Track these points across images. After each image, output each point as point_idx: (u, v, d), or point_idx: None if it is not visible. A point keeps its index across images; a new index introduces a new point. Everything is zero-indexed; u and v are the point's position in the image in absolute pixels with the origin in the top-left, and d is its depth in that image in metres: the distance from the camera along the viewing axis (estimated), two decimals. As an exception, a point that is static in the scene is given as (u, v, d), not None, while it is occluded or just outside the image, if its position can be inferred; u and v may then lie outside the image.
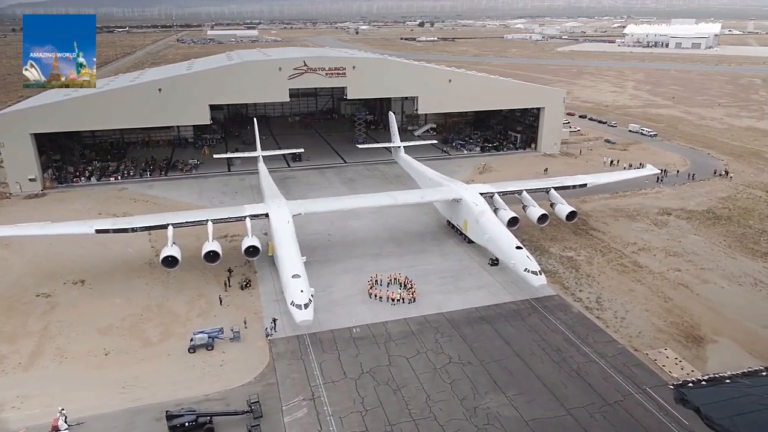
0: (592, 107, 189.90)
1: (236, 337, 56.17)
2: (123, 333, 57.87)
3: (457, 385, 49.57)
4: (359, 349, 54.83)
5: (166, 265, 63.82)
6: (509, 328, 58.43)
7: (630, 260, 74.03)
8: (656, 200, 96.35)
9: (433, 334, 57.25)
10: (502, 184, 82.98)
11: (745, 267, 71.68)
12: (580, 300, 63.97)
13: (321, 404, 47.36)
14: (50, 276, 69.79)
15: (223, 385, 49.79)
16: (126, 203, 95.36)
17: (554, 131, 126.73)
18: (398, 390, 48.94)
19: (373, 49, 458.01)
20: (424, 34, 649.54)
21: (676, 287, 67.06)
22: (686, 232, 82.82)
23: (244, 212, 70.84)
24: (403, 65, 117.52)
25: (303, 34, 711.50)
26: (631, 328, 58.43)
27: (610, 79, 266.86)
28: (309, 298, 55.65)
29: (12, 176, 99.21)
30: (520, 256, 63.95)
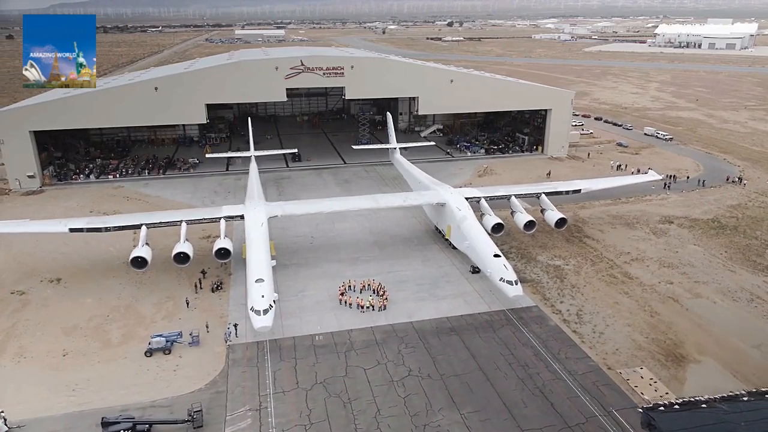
0: (609, 109, 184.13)
1: (195, 342, 55.08)
2: (86, 334, 57.38)
3: (412, 399, 47.40)
4: (318, 358, 53.12)
5: (136, 265, 63.24)
6: (478, 340, 55.87)
7: (621, 271, 70.45)
8: (659, 207, 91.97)
9: (397, 345, 55.13)
10: (490, 189, 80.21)
11: (744, 281, 67.37)
12: (559, 312, 60.92)
13: (267, 415, 45.82)
14: (29, 273, 70.07)
15: (172, 392, 48.68)
16: (118, 201, 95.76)
17: (561, 134, 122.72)
18: (349, 403, 47.05)
19: (396, 49, 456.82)
20: (451, 33, 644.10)
21: (665, 301, 63.37)
22: (686, 242, 78.57)
23: (220, 213, 69.90)
24: (402, 65, 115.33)
25: (330, 34, 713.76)
26: (609, 344, 55.24)
27: (634, 80, 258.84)
28: (270, 303, 54.20)
29: (11, 173, 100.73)
30: (497, 264, 61.24)
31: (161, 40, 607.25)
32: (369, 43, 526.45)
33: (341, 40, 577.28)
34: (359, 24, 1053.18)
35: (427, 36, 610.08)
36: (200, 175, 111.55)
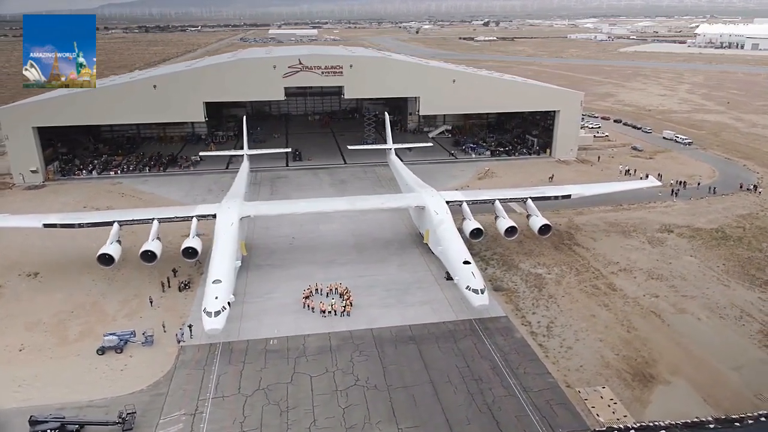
0: (632, 111, 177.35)
1: (148, 342, 54.59)
2: (47, 329, 57.63)
3: (351, 411, 45.58)
4: (266, 363, 51.84)
5: (102, 262, 63.32)
6: (436, 350, 53.58)
7: (605, 282, 66.83)
8: (662, 215, 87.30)
9: (350, 352, 53.36)
10: (473, 192, 77.67)
11: (737, 296, 62.86)
12: (528, 324, 58.02)
13: (200, 420, 44.77)
14: (11, 267, 71.08)
15: (114, 392, 48.17)
16: (113, 197, 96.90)
17: (570, 136, 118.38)
18: (286, 412, 45.59)
19: (425, 48, 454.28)
20: (484, 33, 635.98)
21: (647, 315, 59.63)
22: (682, 252, 74.12)
23: (193, 212, 69.51)
24: (403, 64, 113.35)
25: (363, 33, 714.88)
26: (574, 360, 52.16)
27: (665, 81, 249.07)
28: (223, 306, 53.37)
29: (15, 167, 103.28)
30: (465, 271, 58.74)
31: (197, 39, 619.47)
32: (400, 43, 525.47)
33: (372, 39, 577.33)
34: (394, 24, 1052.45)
35: (460, 36, 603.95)
36: (199, 173, 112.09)
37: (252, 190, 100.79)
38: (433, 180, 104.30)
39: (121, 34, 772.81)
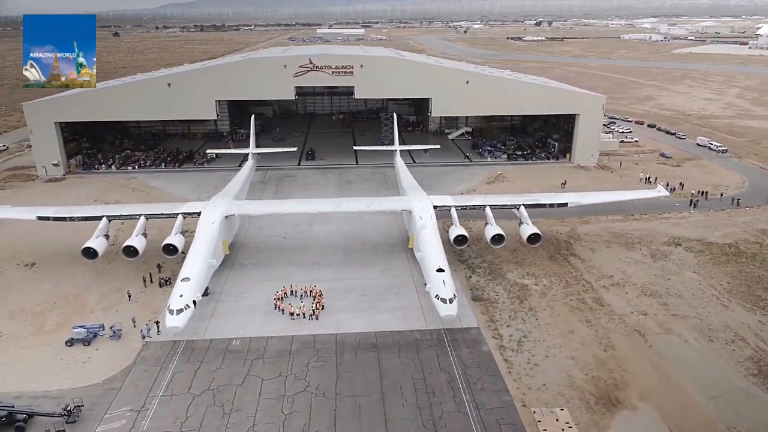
0: (670, 116, 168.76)
1: (116, 336, 55.56)
2: (27, 318, 59.58)
3: (293, 418, 44.84)
4: (223, 363, 51.77)
5: (86, 256, 64.95)
6: (396, 360, 52.12)
7: (594, 296, 63.44)
8: (673, 227, 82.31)
9: (309, 357, 52.62)
10: (464, 198, 75.53)
11: (733, 318, 58.33)
12: (499, 337, 55.66)
13: (143, 418, 45.06)
14: (11, 256, 74.04)
15: (71, 383, 49.18)
16: (124, 192, 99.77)
17: (590, 141, 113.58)
18: (228, 414, 45.29)
19: (470, 48, 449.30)
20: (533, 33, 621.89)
21: (630, 334, 56.14)
22: (685, 268, 69.53)
23: (180, 209, 70.40)
24: (414, 65, 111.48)
25: (411, 33, 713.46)
26: (538, 378, 49.61)
27: (714, 85, 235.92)
28: (186, 304, 53.60)
29: (38, 160, 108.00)
30: (437, 279, 56.87)
31: (248, 38, 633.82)
32: (445, 42, 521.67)
33: (418, 39, 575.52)
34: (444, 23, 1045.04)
35: (508, 36, 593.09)
36: (212, 170, 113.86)
37: (258, 188, 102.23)
38: (441, 183, 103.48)
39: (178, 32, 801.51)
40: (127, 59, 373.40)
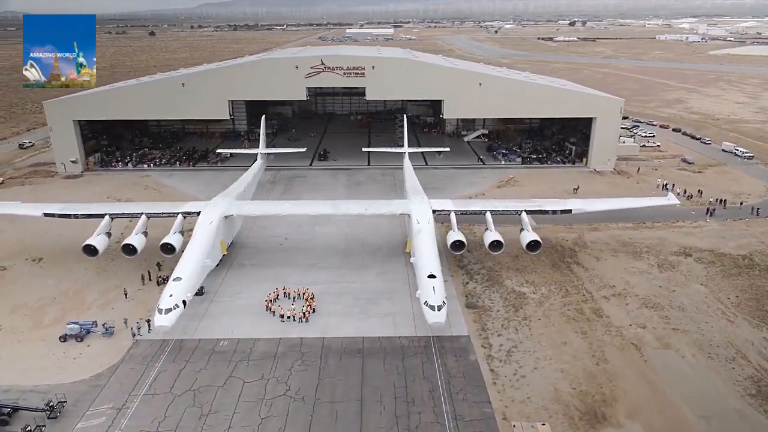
0: (698, 120, 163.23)
1: (108, 332, 56.44)
2: (27, 313, 61.03)
3: (269, 422, 44.72)
4: (208, 364, 52.05)
5: (87, 253, 66.14)
6: (379, 366, 51.52)
7: (593, 306, 61.59)
8: (685, 236, 79.39)
9: (293, 360, 52.49)
10: (465, 202, 74.25)
11: (737, 334, 55.81)
12: (489, 346, 54.50)
13: (123, 416, 45.59)
14: (21, 251, 76.01)
15: (60, 379, 50.12)
16: (137, 190, 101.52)
17: (607, 145, 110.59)
18: (206, 416, 45.49)
19: (498, 48, 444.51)
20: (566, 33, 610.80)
21: (625, 348, 54.29)
22: (692, 279, 66.92)
23: (181, 209, 71.10)
24: (426, 66, 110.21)
25: (441, 33, 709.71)
26: (522, 390, 48.35)
27: (748, 88, 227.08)
28: (176, 304, 53.89)
29: (58, 157, 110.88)
30: (427, 285, 55.88)
31: (279, 38, 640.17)
32: (474, 42, 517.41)
33: (448, 39, 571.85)
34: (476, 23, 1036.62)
35: (539, 36, 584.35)
36: (225, 169, 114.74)
37: (267, 188, 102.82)
38: (450, 186, 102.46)
39: (211, 32, 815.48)
40: (158, 58, 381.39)
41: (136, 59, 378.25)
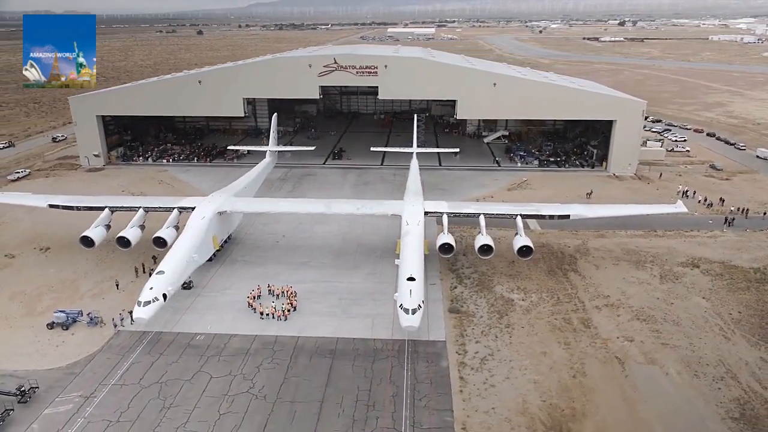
0: (736, 125, 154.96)
1: (93, 322, 57.91)
2: (23, 300, 63.32)
3: (226, 418, 44.84)
4: (180, 358, 52.70)
5: (84, 244, 68.11)
6: (348, 368, 50.94)
7: (582, 316, 59.17)
8: (697, 246, 75.37)
9: (264, 358, 52.52)
10: (459, 204, 72.55)
11: (731, 353, 52.44)
12: (464, 353, 53.08)
13: (89, 405, 46.61)
14: (31, 240, 79.08)
15: (39, 365, 51.71)
16: (152, 184, 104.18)
17: (628, 149, 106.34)
18: (167, 409, 46.00)
19: (540, 48, 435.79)
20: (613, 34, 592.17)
21: (608, 361, 51.88)
22: (694, 292, 63.39)
23: (177, 204, 72.33)
24: (439, 66, 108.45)
25: (485, 32, 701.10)
26: (489, 400, 46.83)
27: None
28: (155, 297, 54.70)
29: (82, 151, 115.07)
30: (404, 288, 54.84)
31: (321, 37, 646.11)
32: (516, 42, 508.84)
33: (489, 39, 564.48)
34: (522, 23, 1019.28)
35: (584, 36, 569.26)
36: (240, 165, 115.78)
37: (276, 186, 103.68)
38: (459, 188, 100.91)
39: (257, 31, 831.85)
40: (201, 56, 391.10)
41: (179, 57, 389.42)
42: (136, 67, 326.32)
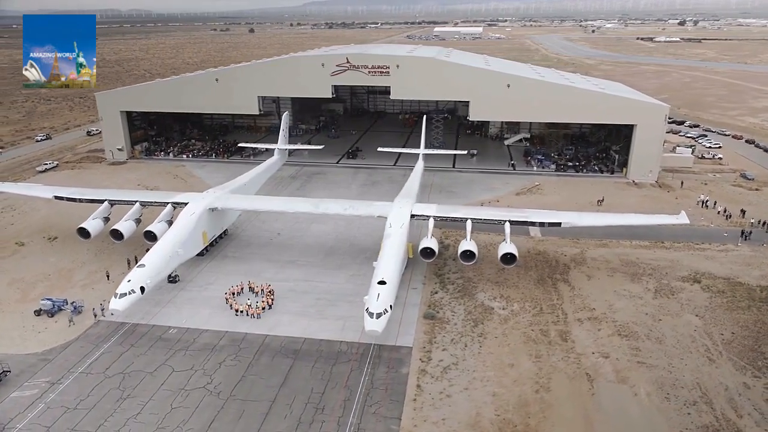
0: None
1: (77, 311, 60.00)
2: (20, 287, 66.34)
3: (176, 412, 45.52)
4: (149, 350, 53.91)
5: (81, 235, 70.67)
6: (307, 370, 50.77)
7: (561, 329, 56.86)
8: (704, 260, 71.11)
9: (227, 354, 53.06)
10: (448, 208, 70.81)
11: (713, 377, 49.10)
12: (428, 360, 51.99)
13: (53, 391, 48.32)
14: (43, 230, 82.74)
15: (17, 350, 54.04)
16: (167, 178, 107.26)
17: (649, 155, 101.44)
18: (124, 399, 47.14)
19: (589, 48, 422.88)
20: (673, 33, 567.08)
21: (577, 378, 49.65)
22: (688, 309, 59.77)
23: (171, 199, 73.97)
24: (452, 66, 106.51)
25: (535, 32, 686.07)
26: (441, 411, 45.66)
27: None
28: (132, 289, 56.20)
29: (107, 145, 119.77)
30: (373, 292, 54.22)
31: (368, 35, 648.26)
32: (565, 42, 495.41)
33: (538, 38, 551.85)
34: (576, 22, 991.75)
35: (638, 36, 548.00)
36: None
37: (284, 183, 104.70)
38: (466, 191, 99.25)
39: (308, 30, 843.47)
40: (248, 54, 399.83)
41: (226, 55, 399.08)
42: (183, 64, 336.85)
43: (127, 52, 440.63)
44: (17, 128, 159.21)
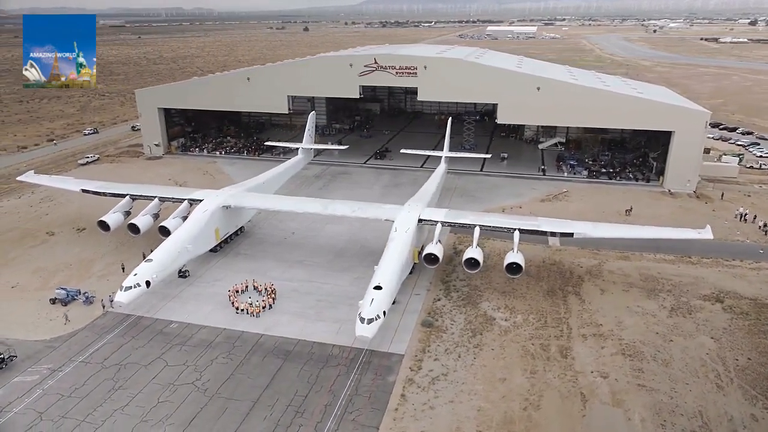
0: None
1: (88, 301, 62.40)
2: (42, 275, 69.60)
3: (161, 407, 46.51)
4: (148, 343, 55.36)
5: (101, 227, 73.39)
6: (294, 372, 50.82)
7: (563, 344, 54.64)
8: (731, 278, 66.69)
9: (220, 352, 53.80)
10: (456, 214, 69.09)
11: (719, 405, 45.86)
12: (418, 369, 51.04)
13: (52, 378, 50.33)
14: (73, 221, 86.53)
15: (28, 336, 56.61)
16: (197, 174, 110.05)
17: (688, 164, 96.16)
18: (115, 390, 48.56)
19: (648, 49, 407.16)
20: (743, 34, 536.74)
21: (571, 397, 47.53)
22: (704, 331, 56.13)
23: (189, 195, 75.70)
24: (480, 68, 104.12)
25: (592, 31, 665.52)
26: (422, 423, 44.70)
27: None
28: (137, 283, 57.87)
29: (145, 140, 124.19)
30: (366, 297, 53.76)
31: (419, 35, 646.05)
32: (623, 43, 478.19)
33: (595, 38, 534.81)
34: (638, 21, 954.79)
35: (702, 36, 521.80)
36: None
37: (308, 182, 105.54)
38: (490, 196, 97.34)
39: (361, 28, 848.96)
40: (297, 52, 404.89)
41: (277, 53, 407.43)
42: (234, 61, 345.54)
43: (184, 50, 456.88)
44: (70, 122, 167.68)
